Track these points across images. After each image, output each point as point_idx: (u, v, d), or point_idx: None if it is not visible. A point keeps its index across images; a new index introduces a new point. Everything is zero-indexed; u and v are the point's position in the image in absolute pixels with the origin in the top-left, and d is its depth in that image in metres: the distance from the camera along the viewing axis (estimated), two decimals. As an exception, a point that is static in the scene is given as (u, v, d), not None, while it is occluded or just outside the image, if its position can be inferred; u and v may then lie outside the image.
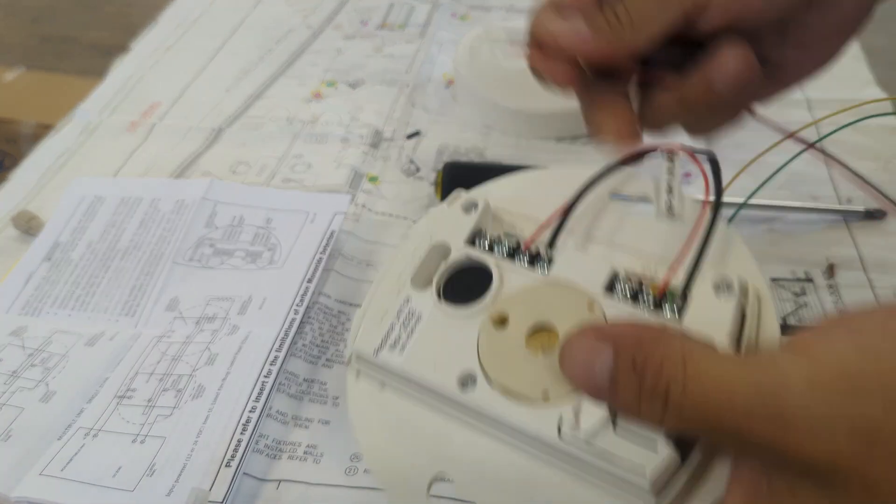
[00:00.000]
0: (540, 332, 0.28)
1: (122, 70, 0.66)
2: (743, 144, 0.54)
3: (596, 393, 0.24)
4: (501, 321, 0.28)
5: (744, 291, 0.27)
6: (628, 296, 0.28)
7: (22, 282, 0.45)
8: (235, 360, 0.39)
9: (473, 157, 0.54)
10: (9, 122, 1.24)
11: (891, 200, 0.43)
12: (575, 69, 0.30)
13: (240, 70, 0.65)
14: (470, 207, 0.32)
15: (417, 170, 0.53)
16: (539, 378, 0.27)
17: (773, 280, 0.43)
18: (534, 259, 0.30)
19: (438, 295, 0.30)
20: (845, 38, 0.32)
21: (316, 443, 0.36)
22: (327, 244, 0.45)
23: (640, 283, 0.28)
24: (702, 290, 0.27)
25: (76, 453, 0.35)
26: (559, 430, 0.26)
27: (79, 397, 0.38)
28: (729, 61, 0.29)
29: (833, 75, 0.39)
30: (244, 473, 0.35)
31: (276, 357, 0.38)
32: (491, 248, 0.30)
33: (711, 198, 0.29)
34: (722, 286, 0.27)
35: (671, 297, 0.27)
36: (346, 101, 0.60)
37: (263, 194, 0.50)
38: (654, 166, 0.31)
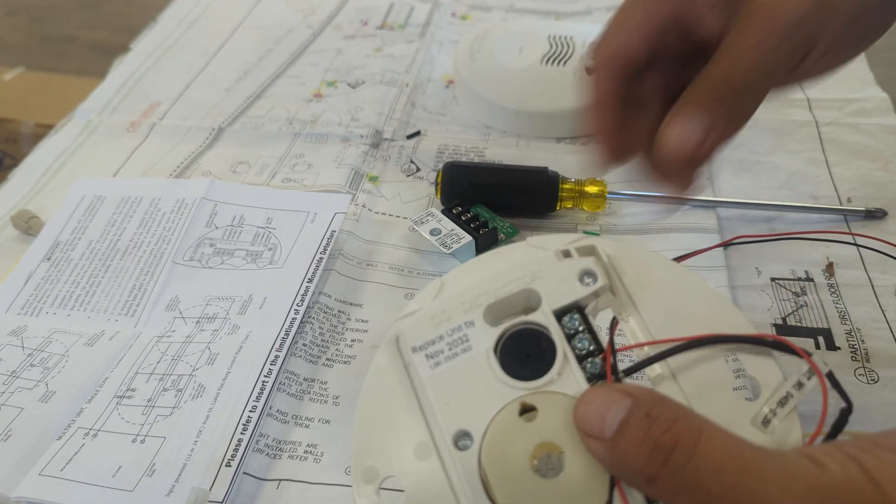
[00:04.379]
0: (549, 448, 0.26)
1: (122, 70, 0.66)
2: (743, 144, 0.54)
3: (598, 438, 0.23)
4: (528, 413, 0.26)
5: None
6: None
7: (22, 281, 0.45)
8: (236, 360, 0.39)
9: (473, 157, 0.54)
10: (9, 122, 1.24)
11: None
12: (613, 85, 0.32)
13: (240, 70, 0.65)
14: (586, 276, 0.28)
15: (417, 170, 0.53)
16: (520, 496, 0.25)
17: (773, 280, 0.43)
18: (599, 376, 0.27)
19: (496, 346, 0.28)
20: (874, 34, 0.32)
21: (316, 442, 0.36)
22: (327, 244, 0.45)
23: None
24: None
25: (76, 453, 0.35)
26: None
27: (78, 397, 0.38)
28: (671, 137, 0.29)
29: (833, 74, 0.39)
30: (244, 473, 0.34)
31: (276, 357, 0.38)
32: (572, 337, 0.27)
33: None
34: None
35: None
36: (346, 101, 0.60)
37: (263, 194, 0.50)
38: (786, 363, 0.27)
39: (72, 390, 0.38)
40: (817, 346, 0.40)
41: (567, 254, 0.29)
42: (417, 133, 0.56)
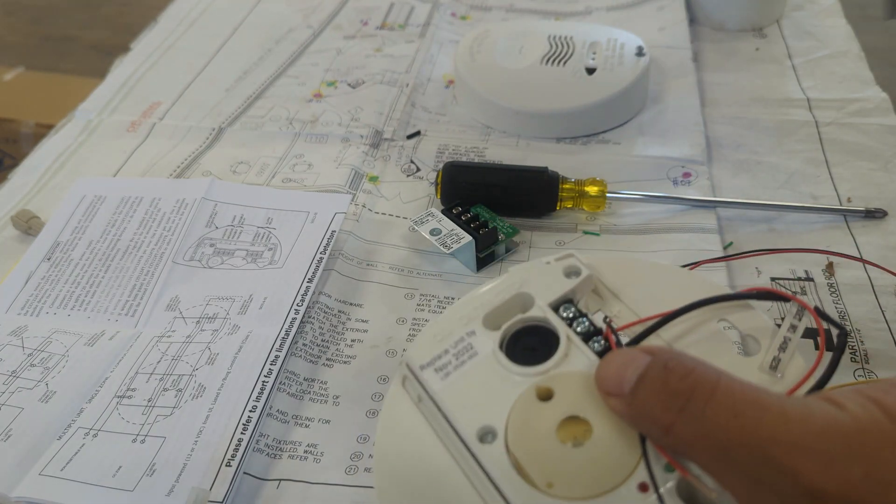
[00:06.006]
0: (576, 423, 0.27)
1: (122, 70, 0.66)
2: (743, 145, 0.54)
3: (617, 393, 0.24)
4: (545, 396, 0.27)
5: None
6: None
7: (22, 281, 0.45)
8: (236, 360, 0.39)
9: (473, 157, 0.54)
10: (9, 121, 1.24)
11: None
12: None
13: (240, 70, 0.65)
14: (571, 273, 0.31)
15: (417, 170, 0.53)
16: (553, 467, 0.26)
17: (773, 280, 0.43)
18: (605, 351, 0.28)
19: (501, 344, 0.29)
20: None
21: (316, 442, 0.36)
22: (328, 244, 0.45)
23: None
24: None
25: (76, 453, 0.35)
26: None
27: (78, 397, 0.38)
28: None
29: (833, 75, 0.39)
30: (244, 473, 0.35)
31: (276, 356, 0.38)
32: (571, 322, 0.29)
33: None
34: None
35: None
36: (346, 101, 0.60)
37: (264, 194, 0.50)
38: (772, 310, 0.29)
39: (72, 390, 0.38)
40: (816, 348, 0.40)
41: (548, 263, 0.31)
42: (417, 133, 0.56)
